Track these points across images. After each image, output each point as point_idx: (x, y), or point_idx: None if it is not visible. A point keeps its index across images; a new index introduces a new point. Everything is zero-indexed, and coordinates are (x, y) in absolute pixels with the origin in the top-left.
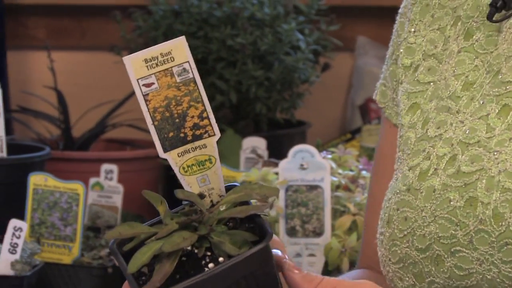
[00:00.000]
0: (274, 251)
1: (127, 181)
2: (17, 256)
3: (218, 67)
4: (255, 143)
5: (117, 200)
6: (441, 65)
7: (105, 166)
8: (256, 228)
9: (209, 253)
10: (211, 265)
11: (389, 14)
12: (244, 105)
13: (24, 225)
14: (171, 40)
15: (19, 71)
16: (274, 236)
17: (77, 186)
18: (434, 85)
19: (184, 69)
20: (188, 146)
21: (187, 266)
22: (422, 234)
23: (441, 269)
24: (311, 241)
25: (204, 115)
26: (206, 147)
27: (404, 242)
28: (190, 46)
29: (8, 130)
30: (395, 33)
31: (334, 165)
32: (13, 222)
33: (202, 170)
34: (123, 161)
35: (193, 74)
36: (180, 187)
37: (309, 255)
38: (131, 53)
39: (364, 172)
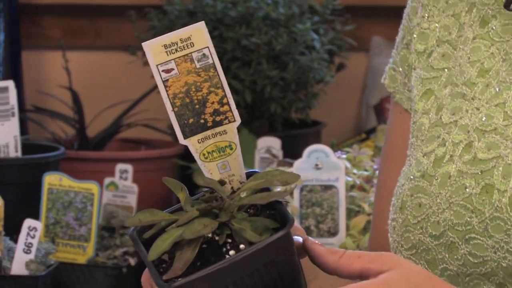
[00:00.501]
0: (295, 237)
1: (142, 181)
2: (31, 256)
3: (233, 67)
4: (270, 143)
5: (132, 200)
6: (455, 52)
7: (119, 166)
8: (277, 215)
9: (230, 240)
10: (232, 252)
11: None
12: (259, 105)
13: (38, 225)
14: (190, 26)
15: (34, 71)
16: (295, 223)
17: (92, 186)
18: (449, 71)
19: (204, 55)
20: (209, 132)
21: (207, 254)
22: (437, 220)
23: (455, 256)
24: (325, 241)
25: (224, 101)
26: (226, 133)
27: (418, 229)
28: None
29: (23, 130)
30: (406, 17)
31: (348, 165)
32: (28, 222)
33: (222, 156)
34: (138, 161)
35: (213, 60)
36: (195, 186)
37: None
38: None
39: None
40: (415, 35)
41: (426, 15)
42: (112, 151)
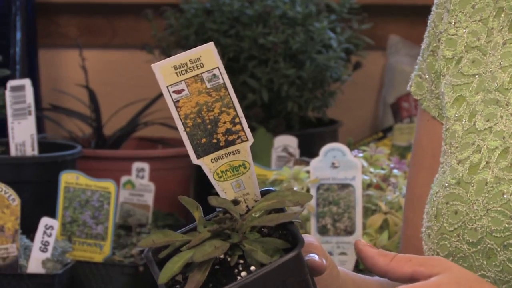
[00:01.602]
0: (311, 255)
1: (159, 179)
2: (48, 255)
3: (250, 66)
4: (287, 142)
5: (149, 198)
6: (485, 57)
7: (136, 165)
8: (289, 235)
9: (242, 261)
10: (243, 273)
11: (421, 12)
12: (276, 104)
13: (55, 223)
14: (199, 46)
15: (50, 69)
16: (313, 240)
17: (109, 185)
18: (480, 77)
19: (214, 75)
20: (222, 152)
21: (219, 275)
22: (474, 227)
23: (493, 263)
24: (342, 239)
25: (236, 120)
26: (239, 152)
27: (454, 236)
28: (221, 44)
29: (40, 128)
30: (431, 24)
31: (365, 163)
32: (45, 220)
33: (236, 175)
34: (154, 160)
35: (223, 80)
36: (212, 186)
37: (340, 253)
38: (162, 52)
39: (395, 171)
40: (442, 41)
41: (453, 21)
42: (129, 149)
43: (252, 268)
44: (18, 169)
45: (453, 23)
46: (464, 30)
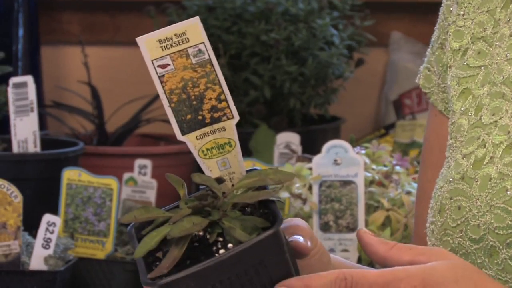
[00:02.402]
0: (295, 237)
1: (161, 176)
2: (50, 251)
3: (252, 63)
4: (289, 139)
5: (151, 195)
6: (491, 49)
7: (139, 161)
8: (270, 214)
9: (221, 239)
10: (222, 251)
11: (424, 9)
12: (278, 101)
13: (57, 220)
14: (185, 21)
15: (53, 66)
16: (300, 223)
17: (111, 181)
18: (485, 69)
19: (200, 50)
20: (207, 129)
21: (198, 252)
22: (477, 224)
23: (495, 261)
24: (344, 236)
25: (222, 97)
26: (225, 130)
27: (457, 232)
28: (224, 41)
29: (42, 125)
30: (441, 16)
31: (367, 160)
32: (47, 217)
33: (222, 153)
34: (157, 156)
35: (209, 56)
36: None
37: (343, 250)
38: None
39: (397, 168)
40: (450, 33)
41: (461, 12)
42: (131, 146)
43: (230, 245)
44: (20, 166)
45: (461, 15)
46: (472, 22)
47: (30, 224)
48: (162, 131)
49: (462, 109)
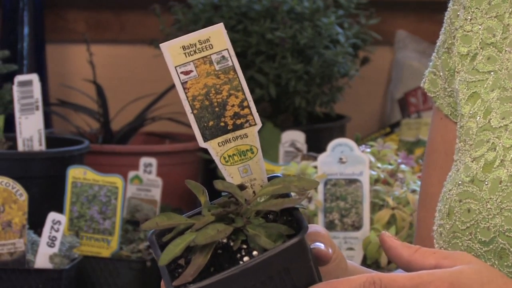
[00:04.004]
0: (317, 244)
1: (166, 174)
2: (55, 250)
3: (258, 61)
4: (294, 137)
5: (156, 193)
6: (501, 54)
7: (144, 160)
8: (294, 221)
9: (245, 246)
10: (246, 258)
11: (429, 8)
12: (284, 99)
13: (62, 218)
14: (209, 27)
15: (58, 64)
16: (320, 229)
17: (116, 180)
18: (495, 74)
19: (223, 57)
20: (229, 135)
21: (222, 259)
22: (487, 226)
23: (505, 263)
24: (349, 235)
25: (245, 104)
26: (247, 136)
27: (467, 235)
28: (230, 40)
29: (47, 123)
30: (447, 20)
31: (373, 159)
32: (52, 216)
33: (243, 160)
34: (162, 155)
35: (232, 62)
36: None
37: (348, 248)
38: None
39: (403, 166)
40: (457, 38)
41: (469, 17)
42: (136, 144)
43: (255, 253)
44: (26, 164)
45: (469, 20)
46: (480, 27)
47: (35, 223)
48: (168, 130)
49: (471, 112)
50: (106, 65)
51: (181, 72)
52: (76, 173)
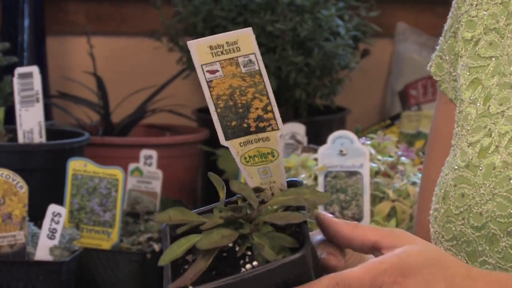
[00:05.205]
0: (326, 255)
1: (167, 166)
2: (55, 242)
3: None
4: (295, 129)
5: (156, 185)
6: (503, 40)
7: (144, 152)
8: (300, 234)
9: (249, 253)
10: (248, 266)
11: (429, 0)
12: (284, 91)
13: (63, 210)
14: (237, 30)
15: (58, 57)
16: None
17: (116, 172)
18: (496, 60)
19: (250, 61)
20: (251, 137)
21: (225, 263)
22: (479, 212)
23: (496, 249)
24: None
25: (269, 108)
26: (269, 140)
27: (460, 219)
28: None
29: (48, 115)
30: (455, 5)
31: (373, 151)
32: (52, 208)
33: (264, 162)
34: (162, 147)
35: (259, 67)
36: (220, 173)
37: None
38: (171, 39)
39: (403, 159)
40: (462, 23)
41: (475, 2)
42: (136, 137)
43: (255, 263)
44: (26, 156)
45: (475, 5)
46: (485, 13)
47: (36, 215)
48: (168, 122)
49: (471, 98)
50: (107, 57)
51: (207, 71)
52: (76, 165)
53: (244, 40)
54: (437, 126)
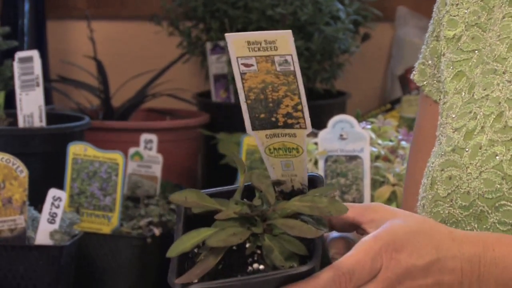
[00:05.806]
0: (332, 235)
1: (167, 151)
2: (56, 226)
3: None
4: None
5: (157, 170)
6: (485, 33)
7: (144, 136)
8: (311, 244)
9: (259, 252)
10: (255, 265)
11: None
12: None
13: (63, 194)
14: (277, 31)
15: (59, 41)
16: (345, 234)
17: (117, 156)
18: (479, 52)
19: (286, 61)
20: (278, 130)
21: (233, 259)
22: (466, 191)
23: (484, 226)
24: None
25: (299, 108)
26: (295, 136)
27: (448, 201)
28: (230, 16)
29: (48, 100)
30: (436, 10)
31: (373, 135)
32: (52, 192)
33: (288, 156)
34: (162, 131)
35: (294, 68)
36: (219, 159)
37: None
38: (171, 23)
39: (403, 143)
40: (444, 23)
41: (456, 2)
42: (137, 121)
43: (261, 267)
44: (26, 140)
45: (455, 5)
46: (466, 11)
47: (36, 199)
48: (168, 106)
49: (456, 89)
50: (107, 41)
51: (242, 64)
52: (76, 150)
53: (282, 40)
54: (422, 129)
